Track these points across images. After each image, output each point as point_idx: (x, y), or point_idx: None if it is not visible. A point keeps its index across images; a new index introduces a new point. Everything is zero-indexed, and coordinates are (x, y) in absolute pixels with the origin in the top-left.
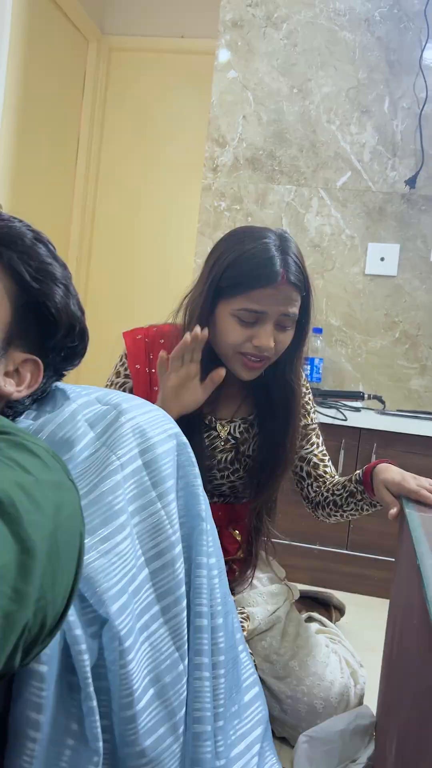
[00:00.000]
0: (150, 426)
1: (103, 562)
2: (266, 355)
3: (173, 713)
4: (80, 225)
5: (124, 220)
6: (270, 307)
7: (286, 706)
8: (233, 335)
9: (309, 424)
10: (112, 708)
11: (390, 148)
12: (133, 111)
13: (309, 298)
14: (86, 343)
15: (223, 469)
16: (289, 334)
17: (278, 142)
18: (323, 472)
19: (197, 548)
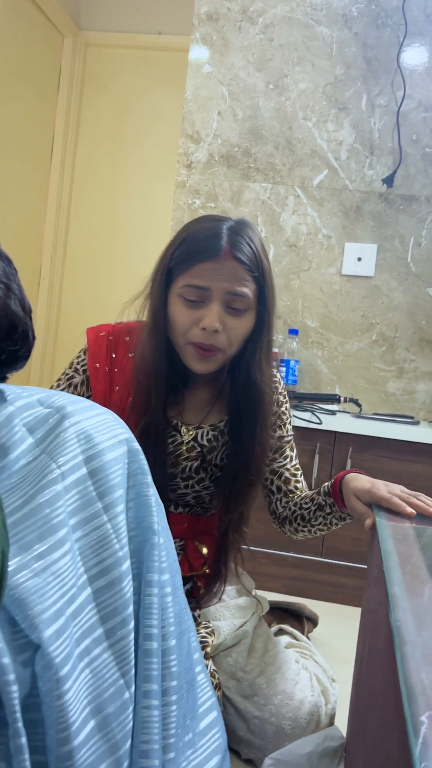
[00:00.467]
0: (97, 431)
1: (37, 582)
2: (217, 344)
3: (116, 747)
4: (55, 223)
5: (100, 218)
6: (212, 282)
7: (253, 726)
8: (179, 318)
9: (284, 435)
10: (47, 744)
11: (367, 147)
12: (109, 108)
13: (265, 283)
14: (30, 346)
15: (187, 477)
16: (244, 322)
17: (254, 139)
18: (294, 487)
19: (148, 564)
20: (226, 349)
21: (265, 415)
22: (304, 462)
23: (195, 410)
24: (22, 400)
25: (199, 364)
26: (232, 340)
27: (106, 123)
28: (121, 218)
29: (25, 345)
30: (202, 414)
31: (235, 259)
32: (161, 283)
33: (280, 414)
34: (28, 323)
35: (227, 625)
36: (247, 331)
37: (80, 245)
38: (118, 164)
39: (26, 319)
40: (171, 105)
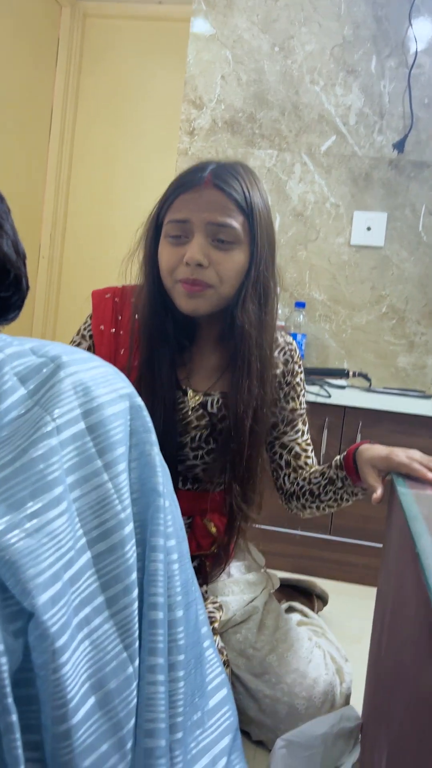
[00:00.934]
0: (96, 384)
1: (31, 543)
2: (204, 279)
3: (119, 726)
4: (54, 199)
5: (100, 193)
6: (192, 213)
7: (264, 705)
8: (165, 257)
9: (297, 408)
10: (42, 722)
11: (377, 111)
12: (108, 79)
13: (253, 216)
14: (23, 294)
15: (196, 447)
16: (233, 257)
17: (258, 104)
18: (304, 463)
19: (153, 528)
20: (217, 286)
21: (249, 362)
22: (312, 437)
23: (204, 376)
24: (13, 347)
25: (187, 301)
26: (222, 276)
27: (105, 95)
28: (122, 192)
29: (17, 293)
30: (209, 381)
31: (217, 187)
32: (150, 231)
33: (294, 385)
34: (22, 269)
35: (236, 600)
36: (239, 268)
37: (80, 221)
38: (118, 136)
39: (19, 264)
40: (172, 75)
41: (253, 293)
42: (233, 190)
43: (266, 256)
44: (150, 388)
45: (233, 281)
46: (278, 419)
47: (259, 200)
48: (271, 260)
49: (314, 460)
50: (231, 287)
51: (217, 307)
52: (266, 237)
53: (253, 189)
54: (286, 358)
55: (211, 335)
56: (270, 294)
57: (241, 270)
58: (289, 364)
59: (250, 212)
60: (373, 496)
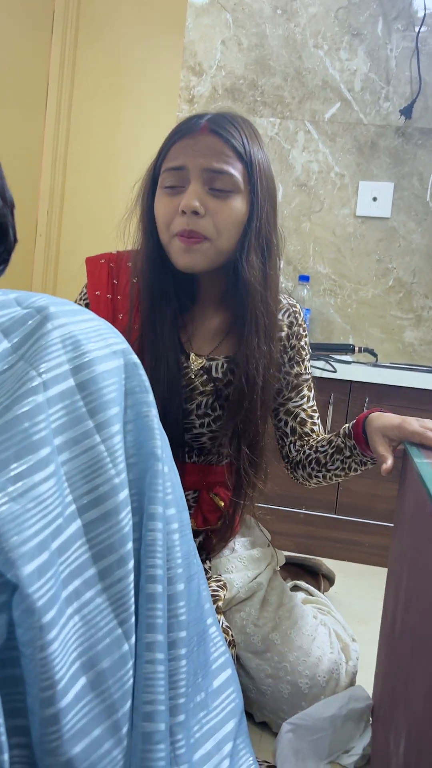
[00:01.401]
0: (87, 338)
1: (14, 508)
2: (199, 229)
3: (113, 708)
4: (51, 175)
5: (98, 168)
6: (188, 159)
7: (265, 686)
8: (161, 210)
9: (302, 373)
10: (29, 705)
11: (383, 76)
12: (105, 49)
13: (252, 164)
14: (10, 246)
15: (203, 415)
16: (231, 206)
17: (260, 70)
18: (310, 430)
19: (151, 495)
20: (214, 238)
21: (256, 317)
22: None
23: (206, 339)
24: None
25: (183, 256)
26: (219, 227)
27: (102, 65)
28: (121, 167)
29: (3, 244)
30: (213, 343)
31: (214, 133)
32: (147, 184)
33: (299, 348)
34: (9, 218)
35: (240, 577)
36: (237, 218)
37: (78, 198)
38: (116, 108)
39: (6, 212)
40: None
41: (257, 246)
42: (231, 137)
43: (267, 209)
44: (153, 349)
45: (231, 232)
46: (282, 385)
47: (258, 151)
48: (272, 214)
49: (320, 427)
50: (228, 240)
51: (215, 263)
52: (267, 189)
53: (252, 139)
54: (291, 320)
55: (212, 296)
56: (273, 249)
57: (239, 221)
58: (293, 326)
59: (249, 161)
60: (382, 466)
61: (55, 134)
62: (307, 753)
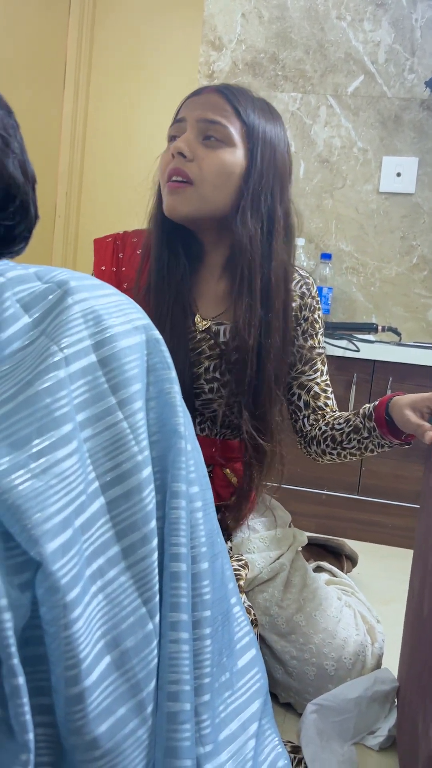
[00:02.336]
0: (109, 313)
1: (37, 485)
2: (184, 169)
3: (138, 688)
4: (69, 155)
5: (117, 148)
6: (188, 112)
7: (291, 668)
8: (161, 158)
9: (315, 346)
10: (53, 684)
11: (408, 47)
12: (123, 25)
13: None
14: (31, 224)
15: (211, 380)
16: (218, 155)
17: (281, 44)
18: (323, 404)
19: (174, 472)
20: (197, 183)
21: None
22: (339, 394)
23: (211, 302)
24: (15, 272)
25: (167, 198)
26: (204, 171)
27: (120, 42)
28: (139, 145)
29: (24, 221)
30: (218, 308)
31: (219, 92)
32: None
33: (312, 321)
34: (30, 194)
35: (262, 557)
36: (224, 169)
37: (96, 178)
38: (134, 85)
39: (27, 188)
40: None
41: (254, 211)
42: (234, 98)
43: (272, 181)
44: (159, 304)
45: (216, 180)
46: (296, 358)
47: (266, 123)
48: (278, 187)
49: (334, 402)
50: (213, 188)
51: (200, 211)
52: (272, 160)
53: (261, 111)
54: (303, 291)
55: (216, 262)
56: (276, 221)
57: (226, 171)
58: (306, 297)
59: (250, 124)
60: (426, 435)
61: (73, 113)
62: (332, 734)
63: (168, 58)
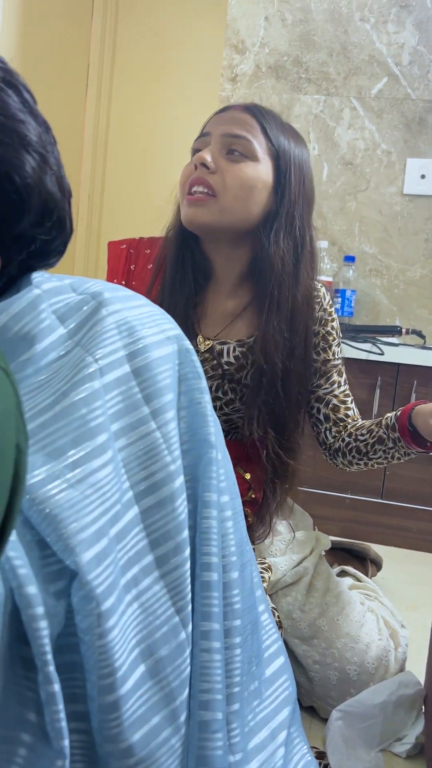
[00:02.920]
0: (142, 324)
1: (73, 495)
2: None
3: (172, 697)
4: (92, 159)
5: (139, 151)
6: (214, 127)
7: (313, 672)
8: (183, 170)
9: (330, 359)
10: (88, 691)
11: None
12: (146, 29)
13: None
14: (67, 238)
15: (213, 399)
16: (241, 167)
17: (305, 46)
18: (344, 415)
19: (205, 482)
20: (220, 193)
21: (278, 300)
22: (363, 397)
23: (215, 322)
24: (51, 283)
25: (187, 209)
26: (227, 182)
27: (143, 46)
28: (162, 149)
29: (60, 235)
30: (221, 326)
31: (246, 110)
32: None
33: (325, 334)
34: (66, 209)
35: (285, 560)
36: (247, 182)
37: (119, 182)
38: (157, 88)
39: (64, 204)
40: (213, 21)
41: (286, 232)
42: (262, 117)
43: (302, 204)
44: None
45: (238, 193)
46: (310, 372)
47: (294, 146)
48: (308, 212)
49: (355, 411)
50: (235, 200)
51: (220, 223)
52: (300, 183)
53: (288, 133)
54: (316, 307)
55: (228, 278)
56: (306, 242)
57: (249, 185)
58: (317, 312)
59: (276, 143)
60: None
61: (96, 117)
62: (358, 741)
63: (191, 62)
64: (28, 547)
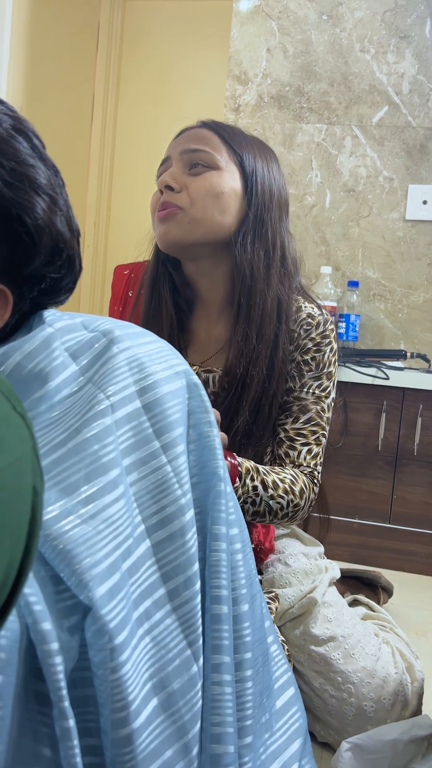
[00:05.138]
0: (151, 360)
1: (86, 530)
2: (172, 200)
3: (184, 730)
4: (97, 186)
5: (144, 179)
6: (172, 150)
7: (330, 706)
8: (152, 201)
9: (294, 389)
10: (102, 725)
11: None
12: (150, 62)
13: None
14: (76, 276)
15: None
16: (205, 178)
17: (306, 77)
18: (284, 453)
19: (214, 515)
20: (187, 207)
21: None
22: (369, 422)
23: (202, 348)
24: (63, 321)
25: (158, 227)
26: (192, 195)
27: (147, 78)
28: None
29: (70, 274)
30: (206, 353)
31: (202, 126)
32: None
33: (300, 363)
34: (75, 248)
35: (293, 591)
36: (213, 190)
37: (124, 208)
38: (161, 120)
39: (73, 243)
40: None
41: (255, 236)
42: (219, 128)
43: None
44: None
45: (204, 200)
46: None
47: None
48: (278, 215)
49: (303, 456)
50: (204, 210)
51: (191, 234)
52: (267, 187)
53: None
54: (299, 332)
55: (214, 301)
56: (277, 247)
57: (213, 191)
58: (301, 338)
59: (242, 153)
60: None
61: (101, 146)
62: None
63: (194, 93)
64: (42, 583)
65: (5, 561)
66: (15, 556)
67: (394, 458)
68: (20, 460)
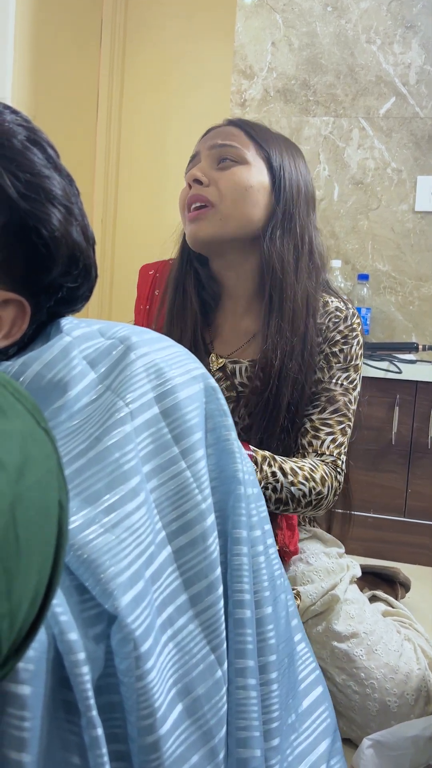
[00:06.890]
0: (168, 365)
1: (110, 539)
2: (203, 193)
3: (210, 735)
4: (104, 184)
5: (150, 177)
6: (200, 146)
7: (354, 702)
8: (181, 196)
9: (322, 380)
10: (128, 732)
11: None
12: (154, 57)
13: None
14: (92, 284)
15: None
16: (233, 173)
17: (312, 69)
18: (307, 443)
19: (234, 519)
20: (217, 203)
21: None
22: (382, 416)
23: (229, 340)
24: (80, 330)
25: (189, 226)
26: (222, 190)
27: (151, 74)
28: (172, 174)
29: (86, 282)
30: (234, 345)
31: (229, 124)
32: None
33: (329, 355)
34: (91, 256)
35: (315, 588)
36: (242, 184)
37: (131, 207)
38: (166, 116)
39: (89, 252)
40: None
41: (284, 230)
42: (246, 125)
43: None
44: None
45: (233, 195)
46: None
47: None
48: (305, 209)
49: (326, 445)
50: (232, 203)
51: (222, 230)
52: (295, 181)
53: (281, 139)
54: (328, 324)
55: (241, 295)
56: (305, 241)
57: (242, 185)
58: (329, 331)
59: (267, 148)
60: None
61: (106, 143)
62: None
63: (200, 88)
64: (68, 593)
65: (35, 578)
66: (44, 572)
67: (408, 452)
68: (46, 476)
